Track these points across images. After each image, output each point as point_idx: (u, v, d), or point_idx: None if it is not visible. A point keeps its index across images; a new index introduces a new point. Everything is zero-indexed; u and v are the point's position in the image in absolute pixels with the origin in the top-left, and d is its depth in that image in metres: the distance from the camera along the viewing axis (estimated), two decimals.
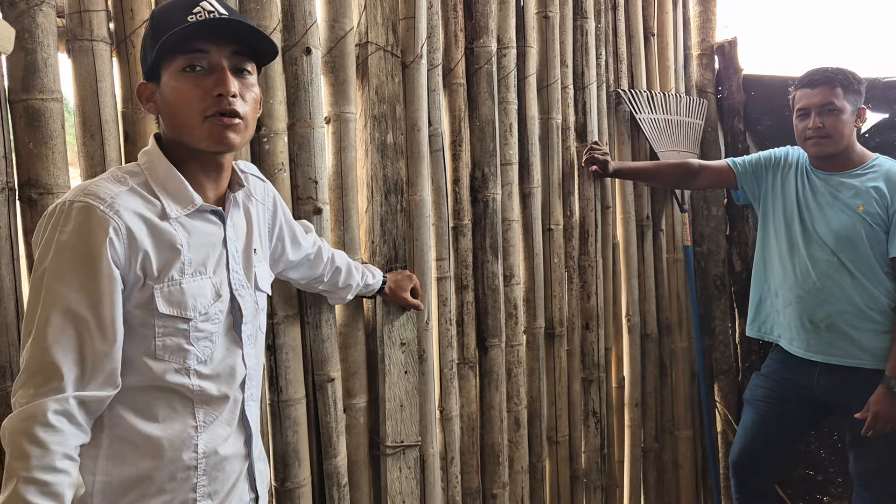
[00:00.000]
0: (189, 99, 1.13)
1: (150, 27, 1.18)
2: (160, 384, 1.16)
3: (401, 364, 1.95)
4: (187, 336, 1.16)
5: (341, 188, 1.82)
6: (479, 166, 2.22)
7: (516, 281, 2.35)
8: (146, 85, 1.20)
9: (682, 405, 3.06)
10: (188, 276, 1.16)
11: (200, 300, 1.18)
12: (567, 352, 2.57)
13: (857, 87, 2.26)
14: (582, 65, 2.60)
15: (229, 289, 1.24)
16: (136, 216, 1.12)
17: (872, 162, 2.29)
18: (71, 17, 1.42)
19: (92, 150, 1.43)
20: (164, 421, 1.17)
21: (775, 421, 2.45)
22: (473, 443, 2.26)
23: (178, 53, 1.13)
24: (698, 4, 3.21)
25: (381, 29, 1.89)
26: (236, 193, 1.28)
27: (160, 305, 1.13)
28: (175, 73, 1.14)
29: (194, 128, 1.14)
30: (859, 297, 2.24)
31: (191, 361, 1.17)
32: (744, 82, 3.14)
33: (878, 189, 2.23)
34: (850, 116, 2.26)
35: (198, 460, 1.20)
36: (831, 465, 3.06)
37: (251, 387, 1.30)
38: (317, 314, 1.78)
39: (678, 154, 2.92)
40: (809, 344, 2.33)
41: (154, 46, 1.13)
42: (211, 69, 1.14)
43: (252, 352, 1.29)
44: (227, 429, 1.25)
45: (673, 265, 3.04)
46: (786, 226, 2.40)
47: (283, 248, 1.50)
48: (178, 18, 1.12)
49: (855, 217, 2.24)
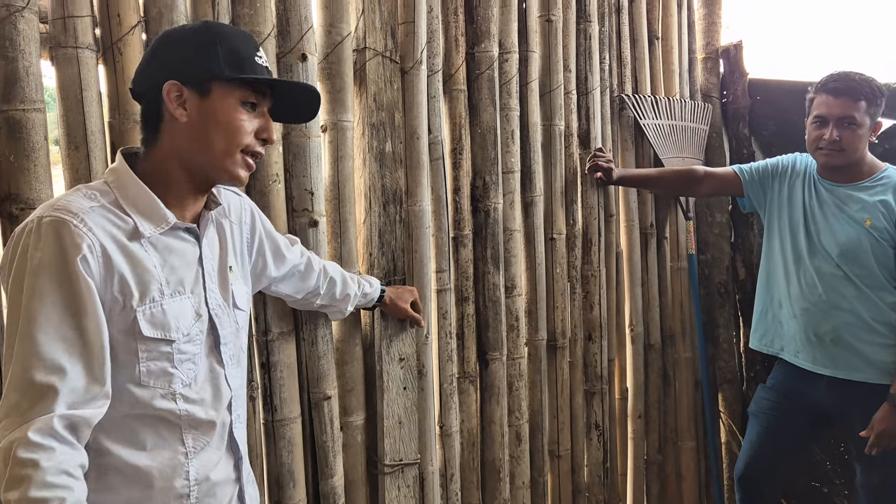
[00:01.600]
0: (242, 130, 1.16)
1: (214, 38, 1.14)
2: (146, 412, 1.12)
3: (399, 380, 1.89)
4: (171, 359, 1.13)
5: (338, 199, 1.76)
6: (480, 175, 2.16)
7: (518, 292, 2.29)
8: (182, 88, 1.13)
9: (685, 416, 3.01)
10: (168, 297, 1.13)
11: (182, 321, 1.14)
12: (569, 364, 2.52)
13: (879, 101, 2.18)
14: (585, 69, 2.54)
15: (206, 309, 1.20)
16: (108, 235, 1.07)
17: (882, 174, 2.23)
18: (54, 23, 1.36)
19: (77, 162, 1.37)
20: (153, 449, 1.13)
21: (781, 433, 2.40)
22: (474, 458, 2.20)
23: (246, 86, 1.15)
24: (703, 7, 3.15)
25: (379, 34, 1.83)
26: (212, 211, 1.25)
27: (144, 328, 1.09)
28: (235, 102, 1.15)
29: (227, 156, 1.15)
30: (865, 311, 2.19)
31: (176, 385, 1.14)
32: (749, 87, 3.08)
33: (886, 203, 2.17)
34: (867, 130, 2.19)
35: (189, 488, 1.17)
36: (837, 477, 3.01)
37: (237, 408, 1.26)
38: (313, 330, 1.72)
39: (682, 160, 2.87)
40: (816, 357, 2.28)
41: (231, 64, 1.13)
42: (259, 113, 1.19)
43: (235, 372, 1.26)
44: (217, 453, 1.22)
45: (677, 273, 2.99)
46: (791, 236, 2.34)
47: (265, 263, 1.45)
48: (252, 52, 1.17)
49: (861, 231, 2.19)
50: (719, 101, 3.12)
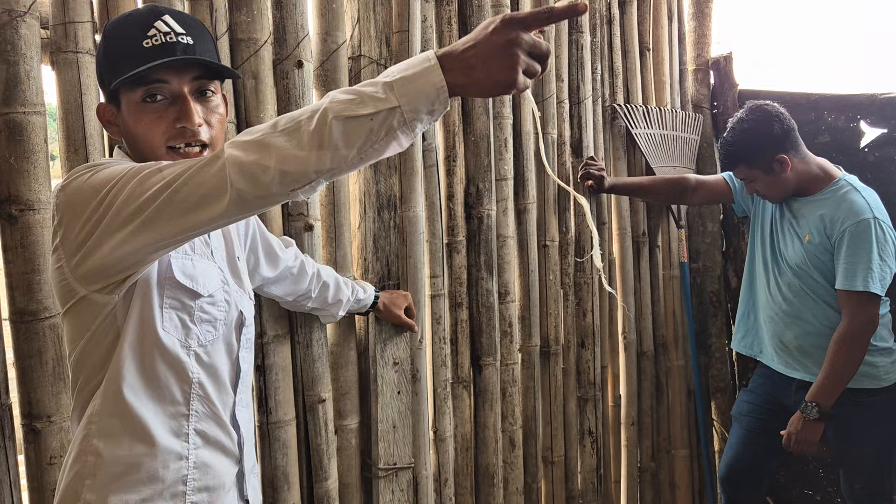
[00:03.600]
0: (151, 131, 1.11)
1: (102, 46, 1.13)
2: (166, 360, 1.14)
3: (393, 384, 1.91)
4: (191, 314, 1.15)
5: (333, 204, 1.78)
6: (473, 182, 2.19)
7: (511, 298, 2.31)
8: (107, 107, 1.16)
9: (678, 424, 3.02)
10: (198, 256, 1.17)
11: (209, 281, 1.18)
12: (563, 370, 2.53)
13: (756, 153, 2.21)
14: (577, 79, 2.58)
15: (231, 288, 1.24)
16: None
17: (832, 186, 2.23)
18: (55, 28, 1.38)
19: (76, 164, 1.39)
20: (159, 403, 1.14)
21: (761, 436, 2.43)
22: (467, 464, 2.21)
23: (137, 83, 1.09)
24: (693, 20, 3.19)
25: (374, 42, 1.86)
26: None
27: (176, 273, 1.12)
28: (135, 103, 1.11)
29: (158, 158, 1.11)
30: (820, 322, 2.23)
31: (192, 341, 1.16)
32: (739, 97, 3.12)
33: (824, 216, 2.19)
34: (771, 175, 2.22)
35: (189, 450, 1.17)
36: (829, 485, 3.02)
37: (242, 391, 1.28)
38: (307, 333, 1.73)
39: (674, 169, 2.90)
40: (787, 361, 2.33)
41: (110, 71, 1.10)
42: (173, 98, 1.11)
43: (247, 356, 1.29)
44: (218, 426, 1.22)
45: (669, 282, 3.01)
46: (761, 246, 2.41)
47: (257, 260, 1.47)
48: (133, 43, 1.08)
49: (802, 247, 2.23)
50: (710, 111, 3.16)
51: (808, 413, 2.15)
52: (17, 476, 1.38)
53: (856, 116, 2.90)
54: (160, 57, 1.08)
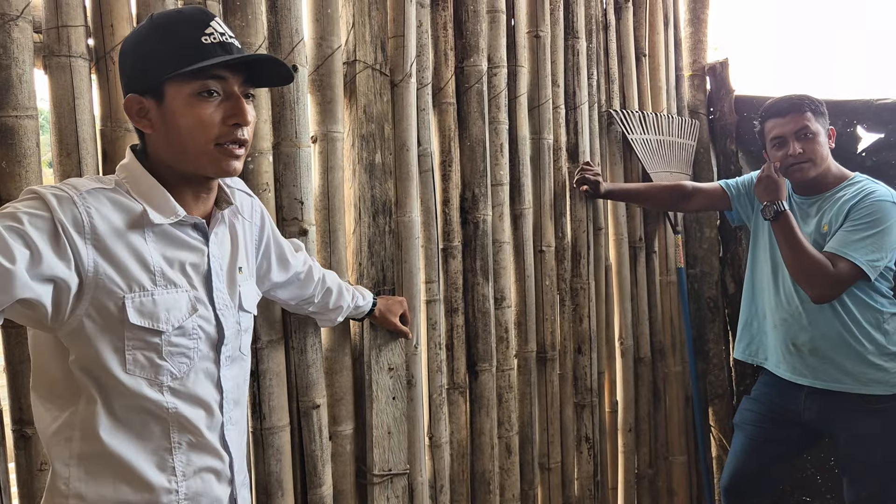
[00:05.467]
0: (205, 125, 1.10)
1: (153, 37, 1.10)
2: (134, 403, 1.11)
3: (389, 390, 1.90)
4: (159, 351, 1.11)
5: (328, 209, 1.78)
6: (469, 187, 2.18)
7: (507, 304, 2.30)
8: (139, 99, 1.11)
9: (676, 430, 3.01)
10: (160, 288, 1.11)
11: (175, 313, 1.13)
12: (559, 376, 2.52)
13: (822, 110, 2.24)
14: (573, 85, 2.58)
15: (212, 307, 1.19)
16: (105, 218, 1.07)
17: (846, 183, 2.24)
18: (48, 32, 1.38)
19: (68, 169, 1.38)
20: (139, 442, 1.12)
21: (765, 445, 2.41)
22: (463, 470, 2.20)
23: (195, 76, 1.08)
24: (689, 26, 3.20)
25: (369, 47, 1.86)
26: (223, 211, 1.24)
27: (131, 316, 1.08)
28: (189, 97, 1.09)
29: (203, 154, 1.11)
30: (840, 323, 2.20)
31: (164, 377, 1.12)
32: (736, 103, 3.13)
33: (847, 200, 2.18)
34: (825, 138, 2.23)
35: (177, 483, 1.15)
36: (828, 492, 3.01)
37: (230, 409, 1.24)
38: (302, 338, 1.72)
39: (670, 175, 2.90)
40: (795, 367, 2.30)
41: (161, 62, 1.07)
42: (226, 96, 1.11)
43: (230, 374, 1.24)
44: (207, 452, 1.20)
45: (666, 287, 3.00)
46: (771, 248, 2.36)
47: (269, 266, 1.45)
48: (193, 37, 1.08)
49: (821, 242, 2.20)
50: (706, 117, 3.16)
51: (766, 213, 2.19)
52: (7, 482, 1.37)
53: (852, 121, 2.90)
54: (221, 54, 1.09)
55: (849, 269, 2.09)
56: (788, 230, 2.14)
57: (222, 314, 1.21)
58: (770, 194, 2.18)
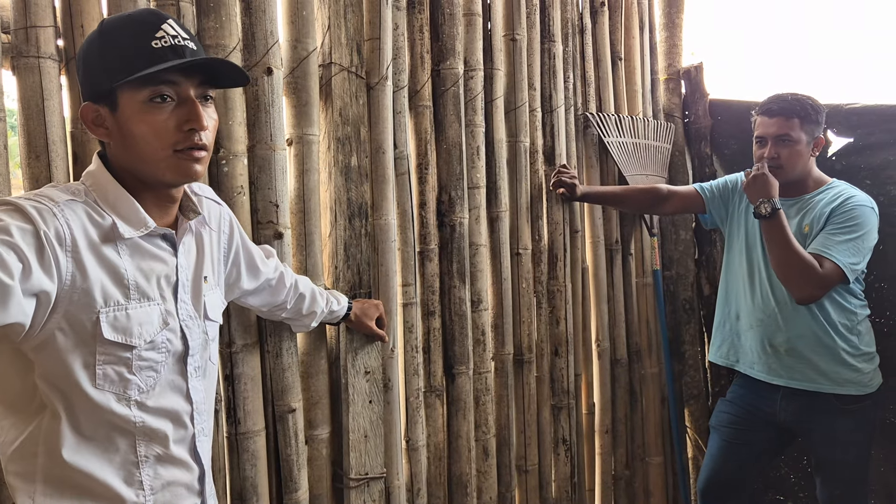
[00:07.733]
0: (159, 132, 1.07)
1: (101, 43, 1.08)
2: (101, 417, 1.09)
3: (365, 393, 1.89)
4: (129, 365, 1.10)
5: (303, 212, 1.77)
6: (445, 190, 2.18)
7: (484, 307, 2.30)
8: (94, 108, 1.10)
9: (652, 431, 3.03)
10: (134, 303, 1.10)
11: (147, 328, 1.11)
12: (536, 378, 2.53)
13: (815, 118, 2.24)
14: (550, 88, 2.59)
15: (177, 318, 1.18)
16: (83, 231, 1.05)
17: (824, 188, 2.28)
18: (16, 32, 1.36)
19: (37, 171, 1.36)
20: (104, 454, 1.10)
21: (742, 446, 2.43)
22: (440, 473, 2.20)
23: (145, 83, 1.05)
24: (664, 30, 3.23)
25: (345, 50, 1.86)
26: (190, 221, 1.22)
27: (105, 331, 1.06)
28: (141, 104, 1.06)
29: (160, 161, 1.08)
30: (815, 324, 2.23)
31: (132, 392, 1.11)
32: (710, 107, 3.16)
33: (827, 203, 2.22)
34: (807, 147, 2.25)
35: (145, 497, 1.13)
36: (801, 491, 3.04)
37: (201, 421, 1.23)
38: (277, 342, 1.71)
39: (646, 178, 2.92)
40: (771, 368, 2.32)
41: (110, 69, 1.05)
42: (179, 100, 1.08)
43: (199, 385, 1.23)
44: (176, 465, 1.18)
45: (642, 289, 3.03)
46: (747, 250, 2.39)
47: (239, 274, 1.44)
48: (142, 42, 1.05)
49: (802, 243, 2.22)
50: (681, 120, 3.19)
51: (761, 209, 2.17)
52: None
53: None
54: (172, 58, 1.05)
55: (833, 271, 2.13)
56: (781, 229, 2.15)
57: (186, 325, 1.19)
58: (764, 192, 2.19)
